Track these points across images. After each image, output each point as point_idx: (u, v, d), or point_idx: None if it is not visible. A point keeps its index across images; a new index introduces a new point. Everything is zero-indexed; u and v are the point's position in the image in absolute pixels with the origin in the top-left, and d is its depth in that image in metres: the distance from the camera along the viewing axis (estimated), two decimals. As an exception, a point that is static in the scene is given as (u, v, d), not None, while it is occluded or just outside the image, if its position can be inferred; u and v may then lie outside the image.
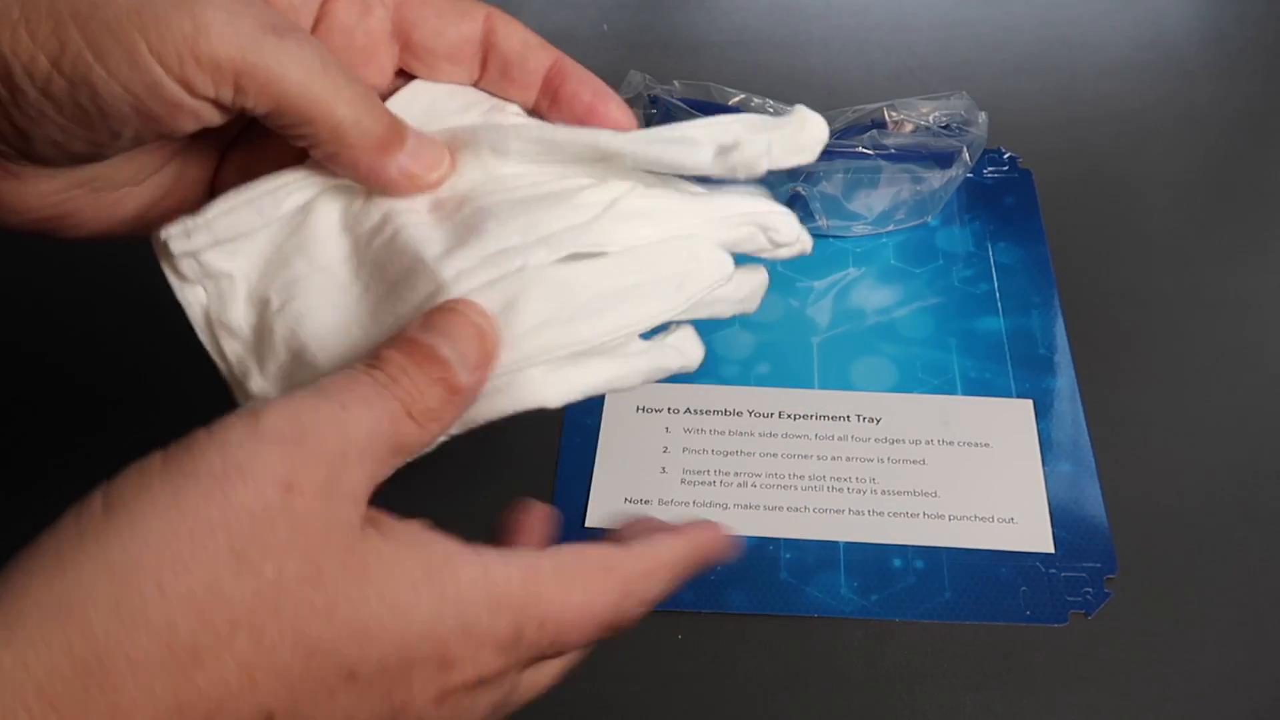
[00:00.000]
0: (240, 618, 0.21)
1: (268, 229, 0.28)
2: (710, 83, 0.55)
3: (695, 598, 0.44)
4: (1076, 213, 0.57)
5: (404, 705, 0.23)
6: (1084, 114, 0.62)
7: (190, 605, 0.20)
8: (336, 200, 0.28)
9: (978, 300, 0.53)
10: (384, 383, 0.24)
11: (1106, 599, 0.43)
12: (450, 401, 0.25)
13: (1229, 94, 0.63)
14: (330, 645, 0.22)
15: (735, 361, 0.51)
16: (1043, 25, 0.67)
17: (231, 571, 0.21)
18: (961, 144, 0.53)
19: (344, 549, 0.22)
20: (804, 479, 0.47)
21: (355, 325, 0.27)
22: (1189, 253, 0.55)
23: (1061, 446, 0.48)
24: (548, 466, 0.48)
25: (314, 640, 0.21)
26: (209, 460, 0.21)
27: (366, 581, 0.22)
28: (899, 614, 0.43)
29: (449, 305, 0.26)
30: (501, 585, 0.24)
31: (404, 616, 0.22)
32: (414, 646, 0.23)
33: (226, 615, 0.21)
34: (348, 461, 0.23)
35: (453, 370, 0.25)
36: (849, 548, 0.45)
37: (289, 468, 0.22)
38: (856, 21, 0.68)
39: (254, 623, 0.21)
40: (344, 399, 0.23)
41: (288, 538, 0.21)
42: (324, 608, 0.22)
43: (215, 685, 0.20)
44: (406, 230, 0.27)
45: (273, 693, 0.21)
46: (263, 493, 0.21)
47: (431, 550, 0.23)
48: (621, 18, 0.70)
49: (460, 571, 0.23)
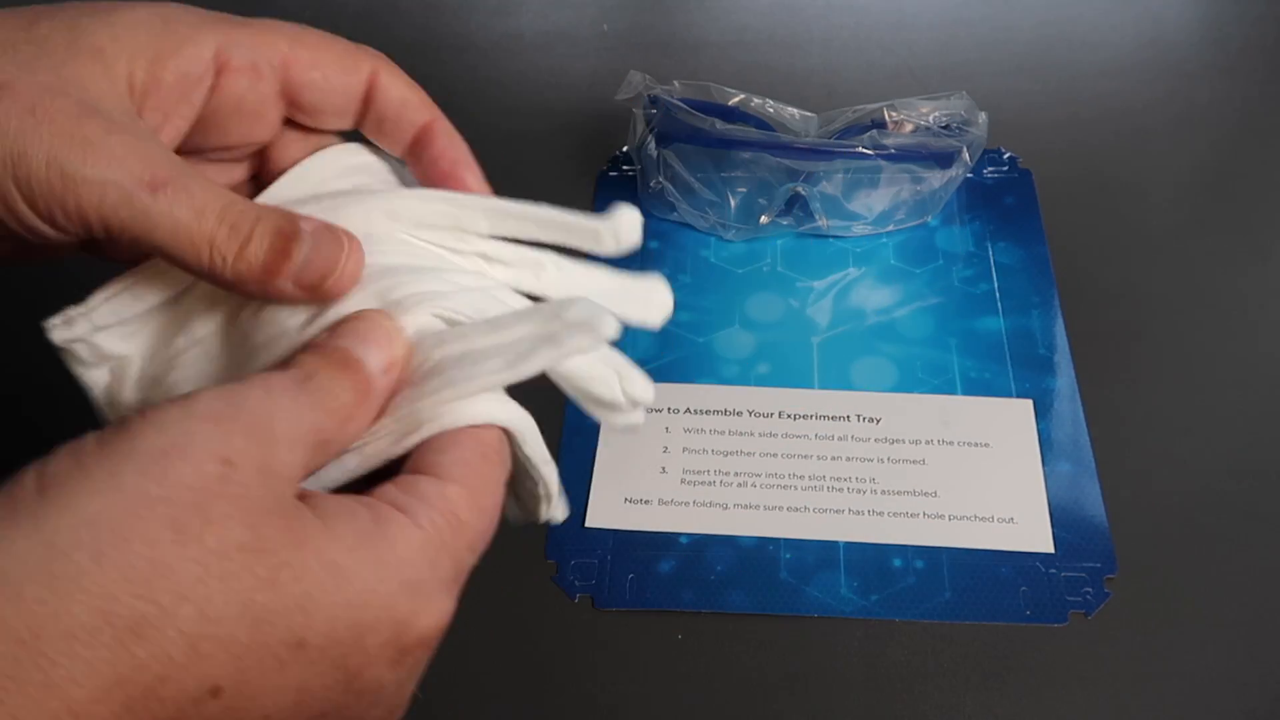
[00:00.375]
0: (184, 589, 0.21)
1: (161, 310, 0.29)
2: (710, 83, 0.55)
3: (695, 598, 0.44)
4: (1076, 213, 0.57)
5: (358, 670, 0.23)
6: (1084, 114, 0.62)
7: (130, 576, 0.20)
8: None
9: (978, 300, 0.53)
10: (299, 380, 0.25)
11: (1106, 599, 0.43)
12: (363, 403, 0.25)
13: (1229, 94, 0.63)
14: (276, 614, 0.22)
15: (735, 361, 0.51)
16: (1043, 25, 0.67)
17: (173, 542, 0.21)
18: (961, 144, 0.53)
19: (282, 519, 0.22)
20: (804, 479, 0.47)
21: None
22: (1189, 253, 0.55)
23: (1061, 446, 0.48)
24: (548, 466, 0.48)
25: (260, 609, 0.21)
26: (146, 440, 0.21)
27: (306, 550, 0.22)
28: (899, 614, 0.43)
29: (360, 314, 0.27)
30: (431, 533, 0.24)
31: (347, 583, 0.23)
32: (361, 612, 0.23)
33: (169, 586, 0.20)
34: (279, 443, 0.23)
35: (365, 370, 0.25)
36: (849, 548, 0.45)
37: (226, 444, 0.22)
38: (856, 21, 0.68)
39: (199, 593, 0.21)
40: (268, 386, 0.24)
41: (228, 509, 0.21)
42: (267, 576, 0.22)
43: (157, 658, 0.20)
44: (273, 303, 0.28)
45: (220, 664, 0.21)
46: (201, 468, 0.21)
47: (360, 517, 0.24)
48: (621, 18, 0.70)
49: (392, 533, 0.24)
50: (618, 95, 0.55)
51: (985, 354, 0.51)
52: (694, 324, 0.53)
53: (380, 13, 0.69)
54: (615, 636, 0.43)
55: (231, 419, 0.22)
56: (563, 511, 0.31)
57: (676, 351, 0.52)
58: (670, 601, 0.44)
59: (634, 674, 0.42)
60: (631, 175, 0.59)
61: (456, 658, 0.43)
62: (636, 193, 0.58)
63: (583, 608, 0.44)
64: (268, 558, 0.22)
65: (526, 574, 0.45)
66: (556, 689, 0.42)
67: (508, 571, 0.45)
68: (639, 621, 0.44)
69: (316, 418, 0.24)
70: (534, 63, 0.67)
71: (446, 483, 0.25)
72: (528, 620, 0.44)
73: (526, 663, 0.43)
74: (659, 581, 0.44)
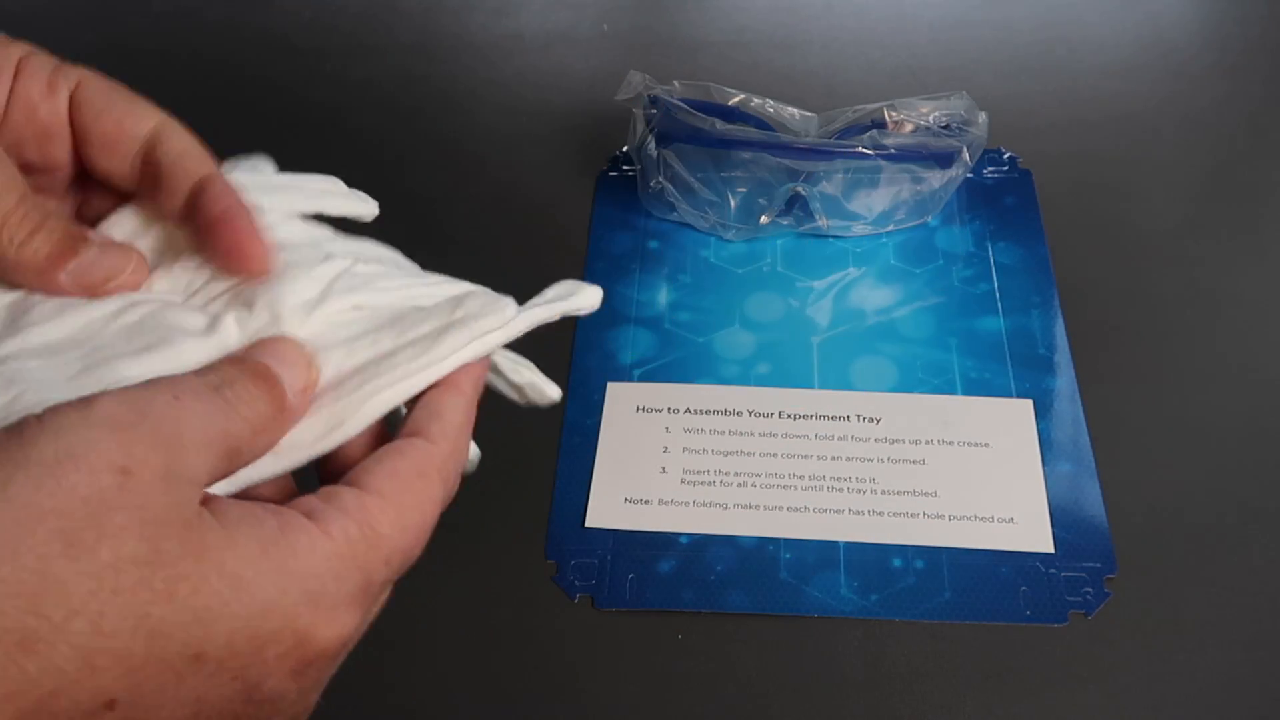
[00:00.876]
0: (76, 603, 0.20)
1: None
2: (710, 83, 0.55)
3: (695, 598, 0.44)
4: (1076, 213, 0.57)
5: (257, 683, 0.23)
6: (1084, 114, 0.62)
7: (19, 591, 0.20)
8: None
9: (978, 300, 0.53)
10: (215, 385, 0.24)
11: (1106, 599, 0.43)
12: (278, 417, 0.25)
13: (1229, 95, 0.63)
14: (173, 627, 0.21)
15: (735, 361, 0.51)
16: (1043, 25, 0.67)
17: (64, 556, 0.20)
18: (961, 144, 0.53)
19: (182, 530, 0.22)
20: (804, 479, 0.47)
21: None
22: (1189, 253, 0.55)
23: (1061, 446, 0.48)
24: (548, 466, 0.48)
25: (155, 623, 0.21)
26: (40, 448, 0.21)
27: (206, 561, 0.22)
28: (899, 614, 0.43)
29: (279, 336, 0.27)
30: (341, 545, 0.24)
31: (247, 594, 0.22)
32: (261, 622, 0.22)
33: (59, 600, 0.20)
34: (185, 447, 0.23)
35: (282, 388, 0.26)
36: (849, 548, 0.45)
37: (125, 452, 0.21)
38: (856, 21, 0.68)
39: (91, 608, 0.20)
40: (177, 391, 0.23)
41: (123, 521, 0.21)
42: (164, 589, 0.21)
43: (49, 673, 0.20)
44: (163, 313, 0.28)
45: (115, 678, 0.21)
46: (97, 477, 0.21)
47: (266, 526, 0.23)
48: (621, 18, 0.70)
49: (298, 542, 0.23)
50: (618, 95, 0.55)
51: (985, 354, 0.51)
52: (694, 324, 0.53)
53: (380, 13, 0.70)
54: (615, 636, 0.43)
55: (132, 425, 0.22)
56: (556, 392, 0.32)
57: (676, 351, 0.52)
58: (670, 601, 0.44)
59: (634, 674, 0.42)
60: (631, 175, 0.59)
61: (457, 657, 0.43)
62: (637, 192, 0.58)
63: (583, 608, 0.44)
64: (164, 570, 0.21)
65: (526, 574, 0.45)
66: (556, 689, 0.42)
67: (508, 571, 0.45)
68: (639, 621, 0.44)
69: (229, 425, 0.24)
70: (534, 63, 0.67)
71: (368, 494, 0.25)
72: (528, 620, 0.44)
73: (526, 663, 0.43)
74: (659, 581, 0.44)
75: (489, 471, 0.48)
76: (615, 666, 0.43)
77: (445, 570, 0.45)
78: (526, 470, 0.48)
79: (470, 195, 0.59)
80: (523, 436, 0.49)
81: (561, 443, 0.49)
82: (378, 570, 0.25)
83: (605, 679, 0.42)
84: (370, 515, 0.25)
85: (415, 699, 0.42)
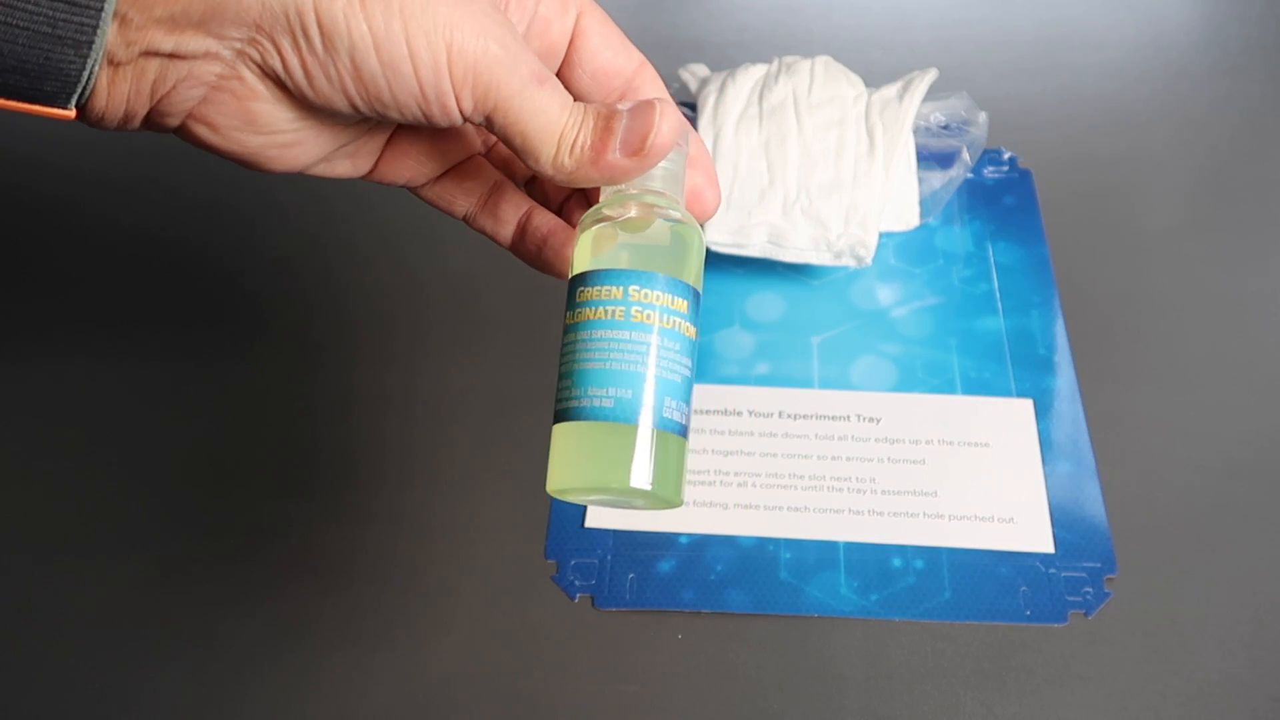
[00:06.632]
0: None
1: None
2: (710, 83, 0.55)
3: (695, 598, 0.44)
4: (1076, 213, 0.57)
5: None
6: (1084, 114, 0.62)
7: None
8: None
9: (978, 300, 0.53)
10: (569, 100, 0.29)
11: (1106, 599, 0.43)
12: (586, 158, 0.29)
13: (1229, 94, 0.63)
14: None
15: (735, 361, 0.51)
16: (1043, 25, 0.67)
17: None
18: (961, 144, 0.53)
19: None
20: (804, 479, 0.47)
21: None
22: (1189, 253, 0.55)
23: (1061, 446, 0.48)
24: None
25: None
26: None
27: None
28: (899, 614, 0.43)
29: (661, 101, 0.29)
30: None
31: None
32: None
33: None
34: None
35: (611, 142, 0.29)
36: (849, 548, 0.45)
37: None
38: (856, 21, 0.68)
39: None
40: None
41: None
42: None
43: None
44: None
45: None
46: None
47: None
48: (621, 18, 0.69)
49: None
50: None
51: (985, 354, 0.51)
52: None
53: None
54: (615, 636, 0.43)
55: None
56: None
57: (676, 351, 0.52)
58: (670, 601, 0.44)
59: (634, 674, 0.42)
60: (631, 175, 0.58)
61: (457, 657, 0.43)
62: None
63: (583, 608, 0.44)
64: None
65: (526, 574, 0.45)
66: (556, 689, 0.42)
67: (508, 571, 0.45)
68: (639, 621, 0.44)
69: (545, 83, 0.28)
70: (534, 63, 0.67)
71: None
72: (528, 620, 0.44)
73: (526, 663, 0.43)
74: (659, 581, 0.44)
75: (489, 471, 0.49)
76: (615, 666, 0.43)
77: (446, 570, 0.46)
78: (526, 470, 0.48)
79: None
80: (523, 436, 0.49)
81: (561, 443, 0.49)
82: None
83: (605, 679, 0.42)
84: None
85: (416, 698, 0.42)
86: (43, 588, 0.46)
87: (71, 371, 0.53)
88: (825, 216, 0.50)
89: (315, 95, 0.27)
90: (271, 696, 0.43)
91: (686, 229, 0.30)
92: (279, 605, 0.45)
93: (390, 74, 0.27)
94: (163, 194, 0.60)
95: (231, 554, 0.46)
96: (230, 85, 0.27)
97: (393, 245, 0.56)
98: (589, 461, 0.28)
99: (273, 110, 0.28)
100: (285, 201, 0.59)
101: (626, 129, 0.29)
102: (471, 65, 0.27)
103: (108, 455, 0.50)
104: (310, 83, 0.27)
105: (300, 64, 0.26)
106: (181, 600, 0.45)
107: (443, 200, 0.34)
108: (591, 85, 0.32)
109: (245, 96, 0.27)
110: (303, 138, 0.29)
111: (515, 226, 0.33)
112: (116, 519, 0.48)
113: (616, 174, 0.29)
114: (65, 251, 0.58)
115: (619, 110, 0.29)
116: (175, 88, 0.27)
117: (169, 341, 0.54)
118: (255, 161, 0.29)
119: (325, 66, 0.26)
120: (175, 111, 0.27)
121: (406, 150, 0.32)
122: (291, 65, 0.26)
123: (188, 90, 0.27)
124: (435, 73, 0.27)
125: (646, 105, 0.29)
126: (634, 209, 0.30)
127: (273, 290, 0.56)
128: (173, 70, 0.26)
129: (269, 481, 0.49)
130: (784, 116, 0.53)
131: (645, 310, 0.28)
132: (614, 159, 0.29)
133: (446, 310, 0.54)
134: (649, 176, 0.30)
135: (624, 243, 0.29)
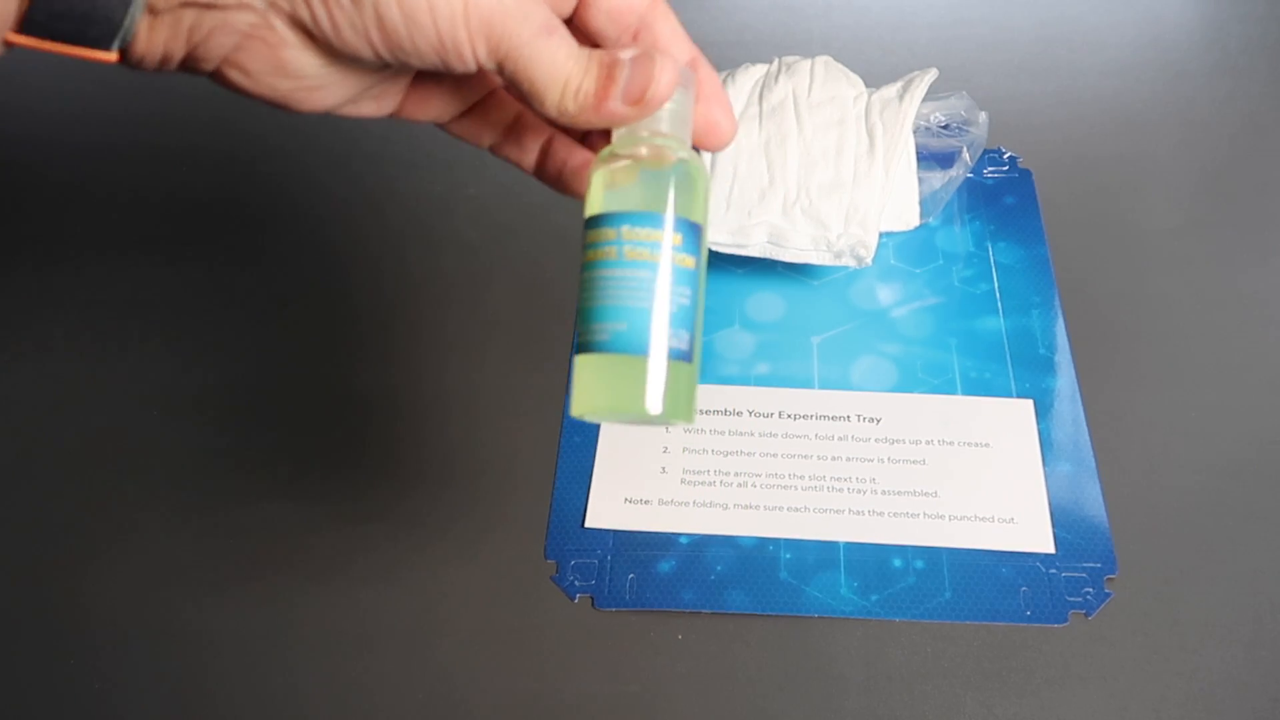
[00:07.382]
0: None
1: None
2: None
3: (695, 598, 0.44)
4: (1076, 213, 0.57)
5: None
6: (1084, 114, 0.62)
7: None
8: None
9: (978, 300, 0.53)
10: (576, 49, 0.30)
11: (1106, 599, 0.43)
12: (588, 103, 0.30)
13: (1229, 94, 0.63)
14: None
15: (735, 361, 0.51)
16: (1043, 25, 0.67)
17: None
18: (961, 144, 0.53)
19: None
20: (804, 479, 0.47)
21: None
22: (1189, 253, 0.55)
23: (1061, 446, 0.48)
24: (548, 466, 0.48)
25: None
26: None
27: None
28: (899, 614, 0.43)
29: (661, 54, 0.31)
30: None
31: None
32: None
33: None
34: None
35: (613, 90, 0.30)
36: (849, 548, 0.45)
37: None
38: (856, 21, 0.68)
39: None
40: None
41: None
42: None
43: None
44: None
45: None
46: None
47: None
48: (621, 18, 0.70)
49: None
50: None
51: (985, 354, 0.51)
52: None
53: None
54: (615, 637, 0.43)
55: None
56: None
57: (676, 351, 0.52)
58: (670, 601, 0.44)
59: (634, 674, 0.42)
60: (631, 175, 0.58)
61: (457, 657, 0.43)
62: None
63: (583, 608, 0.44)
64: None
65: (526, 574, 0.45)
66: (556, 689, 0.42)
67: (508, 571, 0.45)
68: (639, 621, 0.44)
69: (552, 24, 0.30)
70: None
71: None
72: (528, 620, 0.44)
73: (526, 663, 0.43)
74: (659, 581, 0.44)
75: (489, 472, 0.49)
76: (615, 667, 0.43)
77: (446, 570, 0.45)
78: (526, 470, 0.48)
79: (470, 196, 0.59)
80: (523, 437, 0.49)
81: (561, 443, 0.49)
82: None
83: (605, 679, 0.42)
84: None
85: (416, 698, 0.42)
86: (43, 587, 0.46)
87: (70, 369, 0.53)
88: (825, 216, 0.50)
89: (341, 44, 0.29)
90: (271, 696, 0.43)
91: (689, 165, 0.32)
92: (279, 605, 0.45)
93: (411, 25, 0.28)
94: (163, 194, 0.60)
95: (231, 554, 0.46)
96: (262, 34, 0.29)
97: (393, 245, 0.56)
98: (601, 389, 0.31)
99: (301, 57, 0.29)
100: (285, 200, 0.59)
101: (628, 79, 0.31)
102: (486, 16, 0.29)
103: (106, 452, 0.50)
104: (337, 32, 0.29)
105: (327, 15, 0.28)
106: (181, 600, 0.45)
107: (468, 133, 0.36)
108: (607, 22, 0.33)
109: (276, 44, 0.29)
110: (330, 82, 0.31)
111: (537, 154, 0.36)
112: (116, 518, 0.48)
113: (616, 120, 0.31)
114: (58, 245, 0.58)
115: (621, 59, 0.31)
116: (210, 35, 0.28)
117: (169, 339, 0.54)
118: (285, 103, 0.31)
119: (350, 17, 0.28)
120: (210, 57, 0.29)
121: (429, 91, 0.34)
122: (319, 16, 0.28)
123: (222, 38, 0.29)
124: (452, 23, 0.29)
125: (647, 57, 0.31)
126: (643, 149, 0.32)
127: (273, 290, 0.56)
128: (208, 19, 0.28)
129: (269, 481, 0.49)
130: (784, 116, 0.53)
131: (638, 248, 0.31)
132: (614, 106, 0.31)
133: (447, 310, 0.54)
134: (655, 118, 0.32)
135: (623, 185, 0.31)
